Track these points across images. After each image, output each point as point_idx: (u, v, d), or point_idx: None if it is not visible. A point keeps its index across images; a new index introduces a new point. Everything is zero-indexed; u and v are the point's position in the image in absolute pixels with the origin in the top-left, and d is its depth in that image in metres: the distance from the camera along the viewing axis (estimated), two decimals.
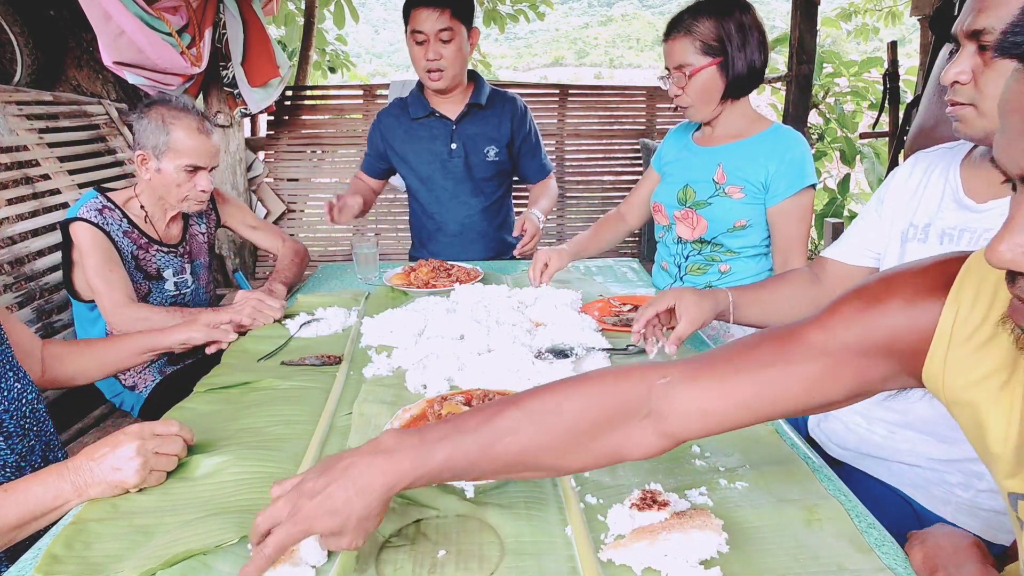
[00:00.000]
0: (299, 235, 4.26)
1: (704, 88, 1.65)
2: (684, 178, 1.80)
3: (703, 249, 1.80)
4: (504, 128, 2.29)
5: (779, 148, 1.67)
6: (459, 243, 2.35)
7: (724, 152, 1.74)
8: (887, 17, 6.59)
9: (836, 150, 5.19)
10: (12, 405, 1.15)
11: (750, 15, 1.62)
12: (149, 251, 1.86)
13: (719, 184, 1.73)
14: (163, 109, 1.75)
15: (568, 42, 56.63)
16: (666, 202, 1.83)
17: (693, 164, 1.79)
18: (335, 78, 6.55)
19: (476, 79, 2.30)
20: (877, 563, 0.78)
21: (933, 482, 1.14)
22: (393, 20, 64.81)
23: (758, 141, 1.71)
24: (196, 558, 0.80)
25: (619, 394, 0.77)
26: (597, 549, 0.81)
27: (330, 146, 4.35)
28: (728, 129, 1.75)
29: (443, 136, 2.26)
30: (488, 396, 1.12)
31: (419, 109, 2.27)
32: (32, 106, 2.78)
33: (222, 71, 3.66)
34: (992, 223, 1.09)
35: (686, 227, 1.79)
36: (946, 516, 1.12)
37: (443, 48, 2.10)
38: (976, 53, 1.00)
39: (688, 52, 1.62)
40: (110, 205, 1.80)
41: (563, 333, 1.43)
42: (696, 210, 1.76)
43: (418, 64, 2.16)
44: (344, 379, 1.34)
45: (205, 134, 1.78)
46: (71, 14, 3.18)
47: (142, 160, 1.78)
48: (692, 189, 1.77)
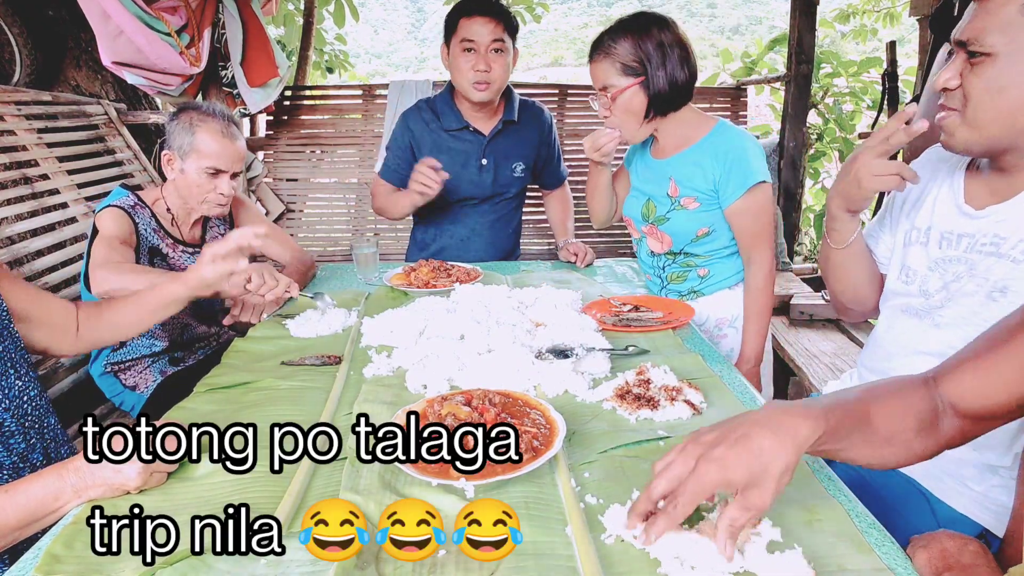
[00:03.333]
0: (298, 235, 4.25)
1: (627, 108, 1.66)
2: (646, 192, 1.83)
3: (676, 259, 1.83)
4: (532, 143, 2.28)
5: (721, 151, 1.67)
6: (464, 246, 2.34)
7: (673, 164, 1.75)
8: (886, 18, 6.58)
9: (835, 150, 5.19)
10: (12, 404, 1.15)
11: (669, 32, 1.63)
12: (175, 251, 1.88)
13: (674, 198, 1.76)
14: (193, 113, 1.81)
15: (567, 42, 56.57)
16: (633, 216, 1.87)
17: (650, 178, 1.83)
18: (334, 78, 6.55)
19: (507, 93, 2.26)
20: (877, 563, 0.78)
21: (949, 474, 1.16)
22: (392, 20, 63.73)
23: (700, 148, 1.71)
24: (196, 557, 0.80)
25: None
26: (598, 549, 0.81)
27: (329, 146, 4.35)
28: (674, 140, 1.76)
29: (475, 152, 2.22)
30: (488, 396, 1.12)
31: (453, 121, 2.20)
32: (31, 106, 2.78)
33: (221, 71, 3.66)
34: (989, 229, 1.10)
35: (655, 241, 1.84)
36: (958, 508, 1.14)
37: (494, 60, 2.06)
38: (966, 60, 1.03)
39: (610, 74, 1.64)
40: (140, 203, 1.85)
41: (563, 333, 1.43)
42: (658, 226, 1.79)
43: (464, 74, 2.08)
44: (344, 379, 1.34)
45: (229, 138, 1.81)
46: (70, 14, 3.17)
47: (168, 160, 1.83)
48: (653, 204, 1.80)
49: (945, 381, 0.85)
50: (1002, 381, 0.79)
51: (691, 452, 0.72)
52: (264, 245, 2.15)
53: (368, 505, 0.89)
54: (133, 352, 1.93)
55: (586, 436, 1.09)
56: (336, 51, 6.48)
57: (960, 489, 1.14)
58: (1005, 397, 0.79)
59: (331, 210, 4.36)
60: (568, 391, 1.25)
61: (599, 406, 1.20)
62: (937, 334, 1.17)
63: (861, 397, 0.82)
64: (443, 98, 2.23)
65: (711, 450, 0.71)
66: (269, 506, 0.90)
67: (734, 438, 0.70)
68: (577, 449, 1.05)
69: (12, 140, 2.56)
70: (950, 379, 0.85)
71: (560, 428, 1.03)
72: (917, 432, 0.82)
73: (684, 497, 0.71)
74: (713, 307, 1.85)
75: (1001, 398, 0.80)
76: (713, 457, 0.70)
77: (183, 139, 1.79)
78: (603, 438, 1.07)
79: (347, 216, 4.28)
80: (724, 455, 0.69)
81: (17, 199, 2.44)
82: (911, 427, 0.82)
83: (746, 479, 0.69)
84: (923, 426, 0.83)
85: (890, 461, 0.83)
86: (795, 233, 4.53)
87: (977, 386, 0.82)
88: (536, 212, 4.27)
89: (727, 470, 0.69)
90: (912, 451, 0.83)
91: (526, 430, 1.01)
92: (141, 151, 3.25)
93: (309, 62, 5.15)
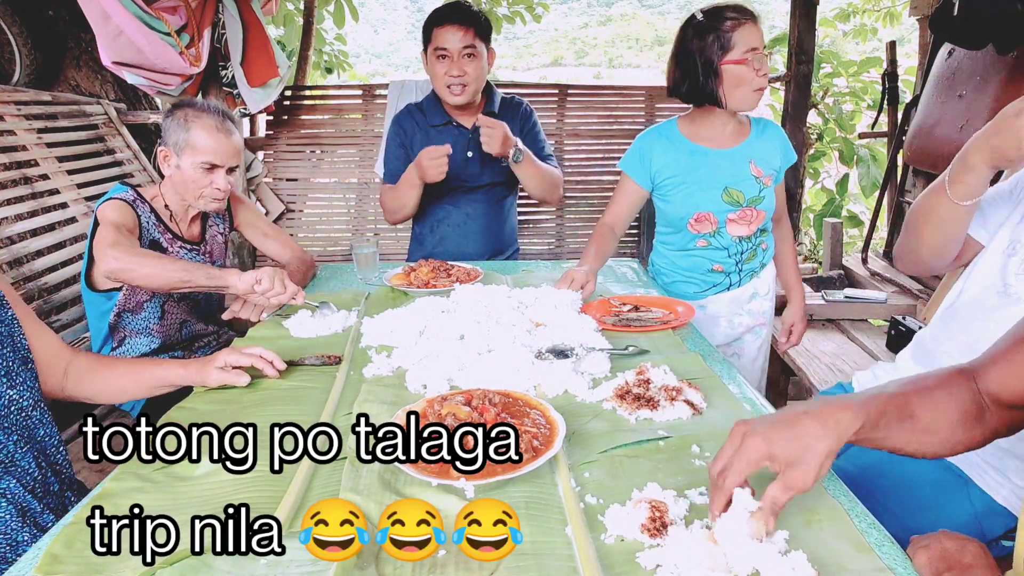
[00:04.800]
0: (298, 235, 4.25)
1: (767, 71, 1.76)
2: (719, 183, 1.85)
3: (754, 239, 1.95)
4: (515, 132, 2.32)
5: (777, 133, 1.92)
6: (460, 233, 2.40)
7: (750, 147, 1.88)
8: (886, 17, 6.58)
9: (835, 150, 5.19)
10: (1, 412, 1.13)
11: None
12: (173, 247, 1.88)
13: (758, 178, 1.88)
14: (188, 109, 1.81)
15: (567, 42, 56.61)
16: (713, 209, 1.87)
17: (720, 168, 1.85)
18: (333, 78, 6.54)
19: (488, 89, 2.36)
20: (877, 563, 0.78)
21: (992, 465, 1.15)
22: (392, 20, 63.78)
23: (759, 134, 1.89)
24: (196, 557, 0.80)
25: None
26: (598, 549, 0.81)
27: (329, 146, 4.34)
28: (730, 128, 1.87)
29: (460, 144, 2.30)
30: (488, 396, 1.12)
31: (437, 117, 2.32)
32: (31, 106, 2.78)
33: (221, 71, 3.66)
34: None
35: (742, 225, 1.91)
36: (998, 500, 1.13)
37: (467, 64, 2.17)
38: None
39: (761, 36, 1.72)
40: (140, 198, 1.85)
41: (563, 333, 1.44)
42: (755, 206, 1.89)
43: (440, 80, 2.20)
44: (344, 379, 1.34)
45: (224, 133, 1.82)
46: (70, 14, 3.17)
47: (164, 157, 1.84)
48: (735, 190, 1.86)
49: (983, 373, 0.89)
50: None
51: (738, 431, 0.78)
52: (264, 245, 2.16)
53: (368, 505, 0.89)
54: (132, 351, 1.93)
55: (586, 436, 1.09)
56: (336, 51, 6.47)
57: (1001, 480, 1.14)
58: None
59: (331, 210, 4.36)
60: (568, 391, 1.25)
61: (599, 406, 1.20)
62: (1018, 310, 1.13)
63: (903, 390, 0.86)
64: (429, 98, 2.36)
65: (757, 426, 0.77)
66: (269, 506, 0.90)
67: (781, 420, 0.77)
68: (577, 449, 1.05)
69: (12, 140, 2.56)
70: (988, 371, 0.89)
71: (560, 428, 1.03)
72: (962, 423, 0.86)
73: (733, 468, 0.77)
74: (770, 273, 2.07)
75: None
76: (758, 431, 0.76)
77: (178, 135, 1.80)
78: (603, 438, 1.07)
79: (347, 216, 4.28)
80: (769, 431, 0.76)
81: (17, 199, 2.44)
82: (955, 418, 0.86)
83: (789, 456, 0.74)
84: (967, 417, 0.86)
85: (936, 450, 0.86)
86: (795, 233, 4.53)
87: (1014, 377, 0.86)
88: (536, 212, 4.27)
89: (772, 444, 0.75)
90: (957, 440, 0.86)
91: (526, 430, 1.01)
92: (141, 151, 3.25)
93: (309, 62, 5.14)
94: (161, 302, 1.90)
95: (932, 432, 0.85)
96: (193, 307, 2.02)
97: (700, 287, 1.99)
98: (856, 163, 4.99)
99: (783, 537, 0.78)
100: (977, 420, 0.87)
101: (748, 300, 2.01)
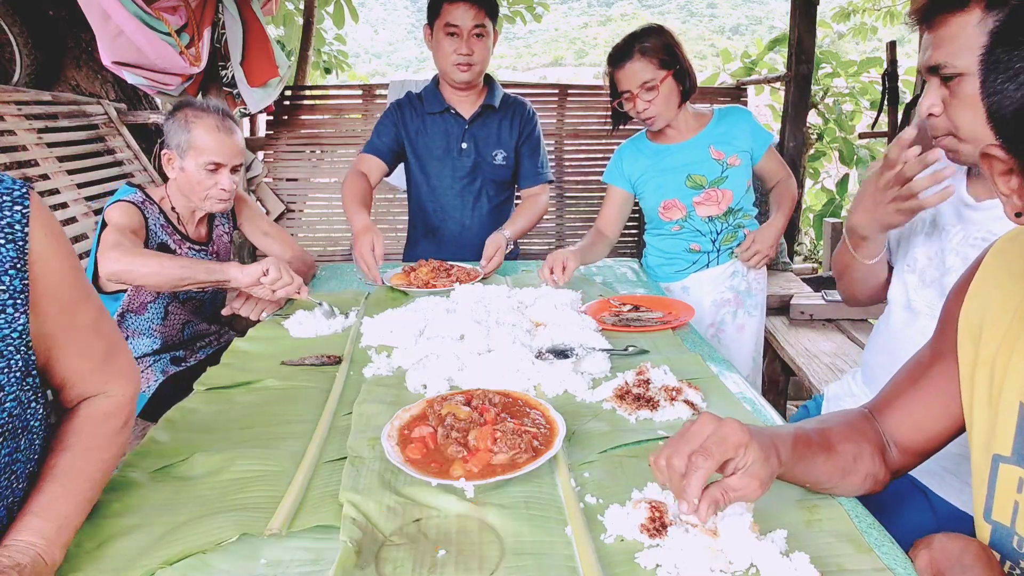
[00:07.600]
0: (298, 235, 4.25)
1: (669, 95, 1.92)
2: (682, 170, 2.01)
3: (728, 219, 2.06)
4: (514, 131, 2.33)
5: (742, 117, 2.03)
6: (455, 245, 2.34)
7: (706, 136, 2.01)
8: (886, 16, 6.58)
9: (835, 150, 5.19)
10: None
11: (671, 35, 1.94)
12: (182, 248, 1.88)
13: (720, 160, 2.00)
14: (188, 110, 1.81)
15: (567, 42, 56.54)
16: (679, 195, 2.03)
17: (680, 158, 2.02)
18: (332, 78, 6.54)
19: (490, 82, 2.34)
20: (877, 563, 0.78)
21: (949, 471, 1.16)
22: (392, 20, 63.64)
23: (719, 120, 2.02)
24: (196, 557, 0.80)
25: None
26: (597, 549, 0.81)
27: (329, 146, 4.34)
28: (687, 125, 2.03)
29: (455, 134, 2.29)
30: (488, 396, 1.12)
31: (435, 104, 2.29)
32: (31, 106, 2.78)
33: (221, 71, 3.65)
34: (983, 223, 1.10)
35: (711, 205, 2.03)
36: (959, 505, 1.14)
37: (475, 44, 2.16)
38: (941, 85, 1.06)
39: (648, 70, 1.89)
40: (149, 199, 1.85)
41: (563, 333, 1.44)
42: (718, 187, 2.01)
43: (446, 57, 2.17)
44: (344, 379, 1.34)
45: (226, 132, 1.82)
46: (70, 14, 3.17)
47: (168, 160, 1.84)
48: (697, 175, 2.01)
49: (882, 417, 0.95)
50: (931, 416, 0.90)
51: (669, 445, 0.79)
52: (265, 244, 2.16)
53: (368, 505, 0.89)
54: (135, 351, 1.93)
55: (586, 436, 1.09)
56: (335, 51, 6.47)
57: (960, 486, 1.14)
58: (937, 428, 0.90)
59: (331, 210, 4.36)
60: (568, 391, 1.25)
61: (599, 406, 1.20)
62: (922, 324, 1.18)
63: (817, 427, 0.91)
64: (428, 87, 2.35)
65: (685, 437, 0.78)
66: (269, 506, 0.90)
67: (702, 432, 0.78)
68: (577, 449, 1.05)
69: (12, 140, 2.56)
70: (887, 415, 0.94)
71: (560, 428, 1.03)
72: (872, 457, 0.90)
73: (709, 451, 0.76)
74: None
75: (934, 430, 0.91)
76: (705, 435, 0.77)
77: (180, 137, 1.80)
78: (603, 438, 1.07)
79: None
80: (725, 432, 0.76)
81: None
82: (868, 452, 0.90)
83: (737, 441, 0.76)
84: (879, 451, 0.91)
85: (846, 488, 0.90)
86: (795, 233, 4.53)
87: (911, 422, 0.92)
88: None
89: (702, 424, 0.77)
90: (871, 476, 0.90)
91: (526, 430, 1.01)
92: (141, 151, 3.25)
93: (309, 62, 5.14)
94: (165, 303, 1.90)
95: (849, 471, 0.89)
96: (198, 307, 2.02)
97: (680, 266, 2.14)
98: (856, 163, 4.99)
99: (783, 537, 0.78)
100: (884, 457, 0.92)
101: (729, 277, 2.12)
